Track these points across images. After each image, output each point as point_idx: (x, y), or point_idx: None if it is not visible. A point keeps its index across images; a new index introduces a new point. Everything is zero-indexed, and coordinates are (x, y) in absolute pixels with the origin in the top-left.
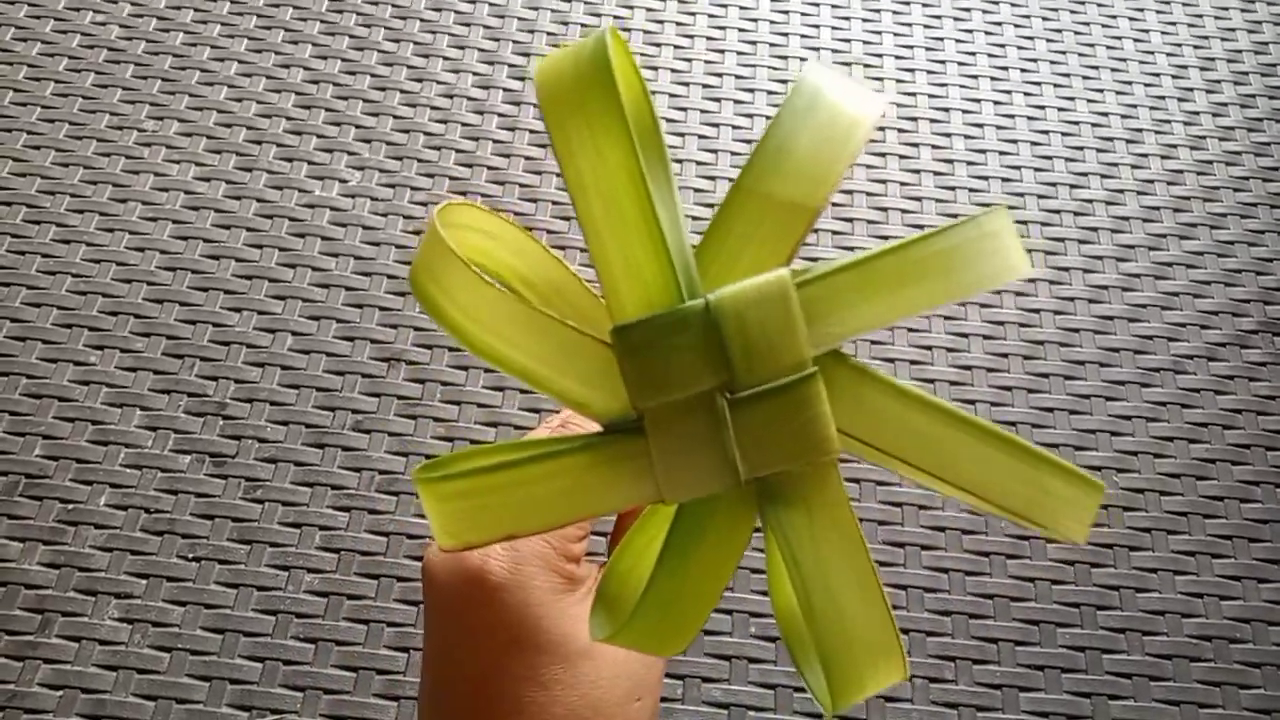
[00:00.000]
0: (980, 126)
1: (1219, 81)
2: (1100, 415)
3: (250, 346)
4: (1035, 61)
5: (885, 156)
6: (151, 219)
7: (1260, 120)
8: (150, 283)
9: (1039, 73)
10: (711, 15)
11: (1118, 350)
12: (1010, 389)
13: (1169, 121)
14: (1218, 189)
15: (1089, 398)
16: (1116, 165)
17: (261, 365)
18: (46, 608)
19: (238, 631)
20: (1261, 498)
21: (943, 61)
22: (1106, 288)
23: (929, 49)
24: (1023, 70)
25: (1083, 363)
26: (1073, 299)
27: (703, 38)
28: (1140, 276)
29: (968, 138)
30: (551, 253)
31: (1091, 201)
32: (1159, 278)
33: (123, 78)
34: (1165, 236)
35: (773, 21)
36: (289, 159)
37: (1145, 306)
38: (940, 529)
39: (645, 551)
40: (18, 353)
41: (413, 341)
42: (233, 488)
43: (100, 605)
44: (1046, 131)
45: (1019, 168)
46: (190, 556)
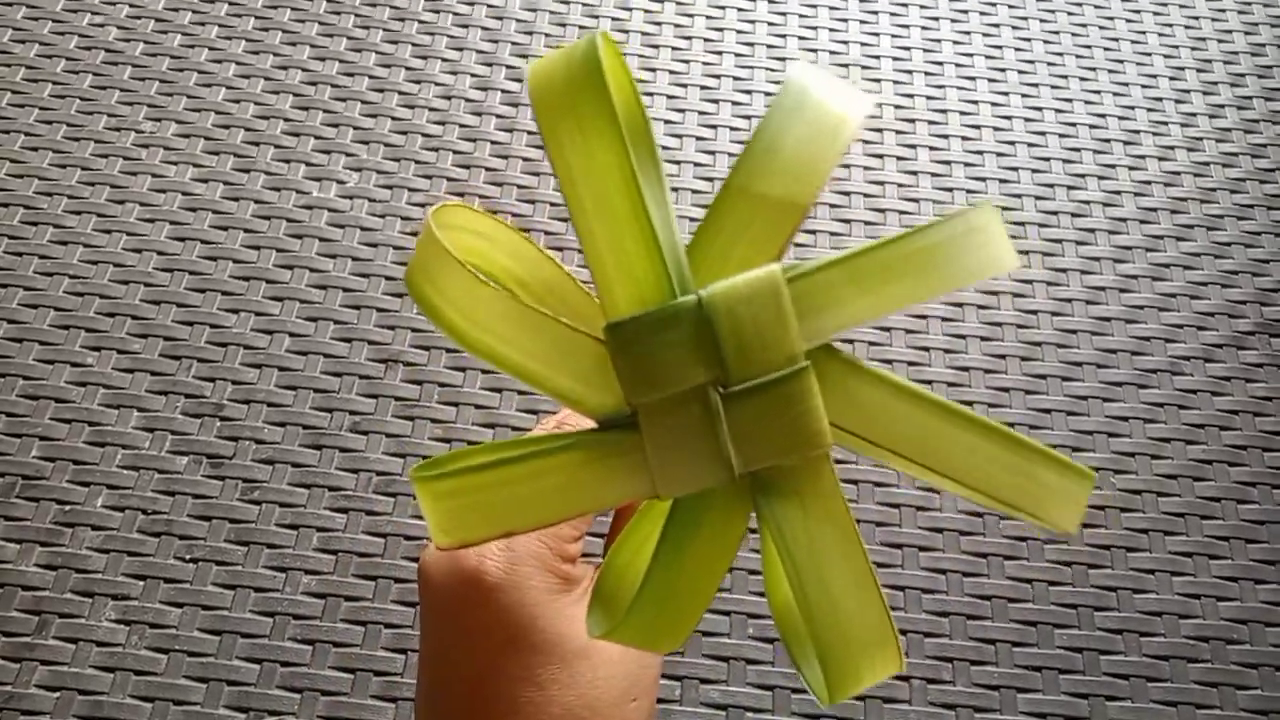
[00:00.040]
0: (978, 129)
1: (1216, 84)
2: (1097, 416)
3: (248, 348)
4: (1032, 64)
5: (883, 159)
6: (149, 220)
7: (1257, 122)
8: (148, 284)
9: (1036, 75)
10: (709, 17)
11: (1115, 352)
12: (1008, 390)
13: (1166, 124)
14: (1214, 191)
15: (1086, 399)
16: (1114, 167)
17: (259, 366)
18: (43, 609)
19: (235, 633)
20: (1258, 499)
21: (940, 64)
22: (1104, 289)
23: (926, 51)
24: (1020, 72)
25: (1080, 364)
26: (1070, 300)
27: (700, 40)
28: (1137, 278)
29: (965, 139)
30: (545, 253)
31: (1089, 203)
32: (1156, 279)
33: (120, 79)
34: (1162, 238)
35: (770, 24)
36: (287, 160)
37: (1142, 308)
38: (938, 530)
39: (641, 548)
40: (15, 354)
41: (410, 343)
42: (230, 489)
43: (97, 607)
44: (1044, 133)
45: (1016, 169)
46: (188, 558)
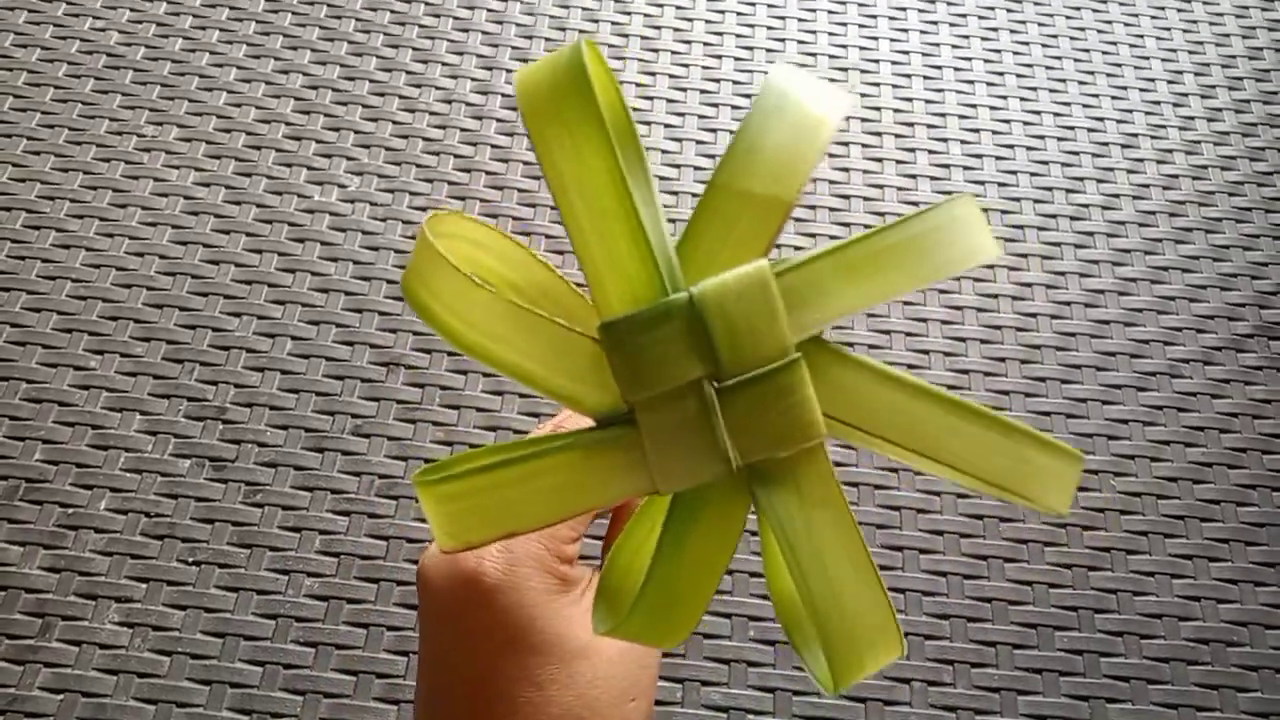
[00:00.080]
0: (976, 132)
1: (1214, 88)
2: (1097, 419)
3: (250, 351)
4: (1031, 68)
5: (882, 162)
6: (151, 224)
7: (1255, 125)
8: (150, 288)
9: (1035, 79)
10: (708, 21)
11: (1114, 355)
12: (1008, 393)
13: (1164, 127)
14: (1212, 194)
15: (1085, 402)
16: (1112, 171)
17: (261, 370)
18: (47, 612)
19: (238, 635)
20: (1258, 501)
21: (939, 68)
22: (1102, 292)
23: (925, 55)
24: (1019, 76)
25: (1079, 367)
26: (1069, 303)
27: (700, 44)
28: (1136, 281)
29: (964, 143)
30: (539, 258)
31: (1087, 207)
32: (1155, 282)
33: (122, 83)
34: (1161, 241)
35: (769, 28)
36: (288, 164)
37: (1141, 311)
38: (938, 533)
39: (642, 545)
40: (18, 357)
41: (412, 346)
42: (233, 492)
43: (100, 609)
44: (1042, 137)
45: (1015, 173)
46: (190, 561)
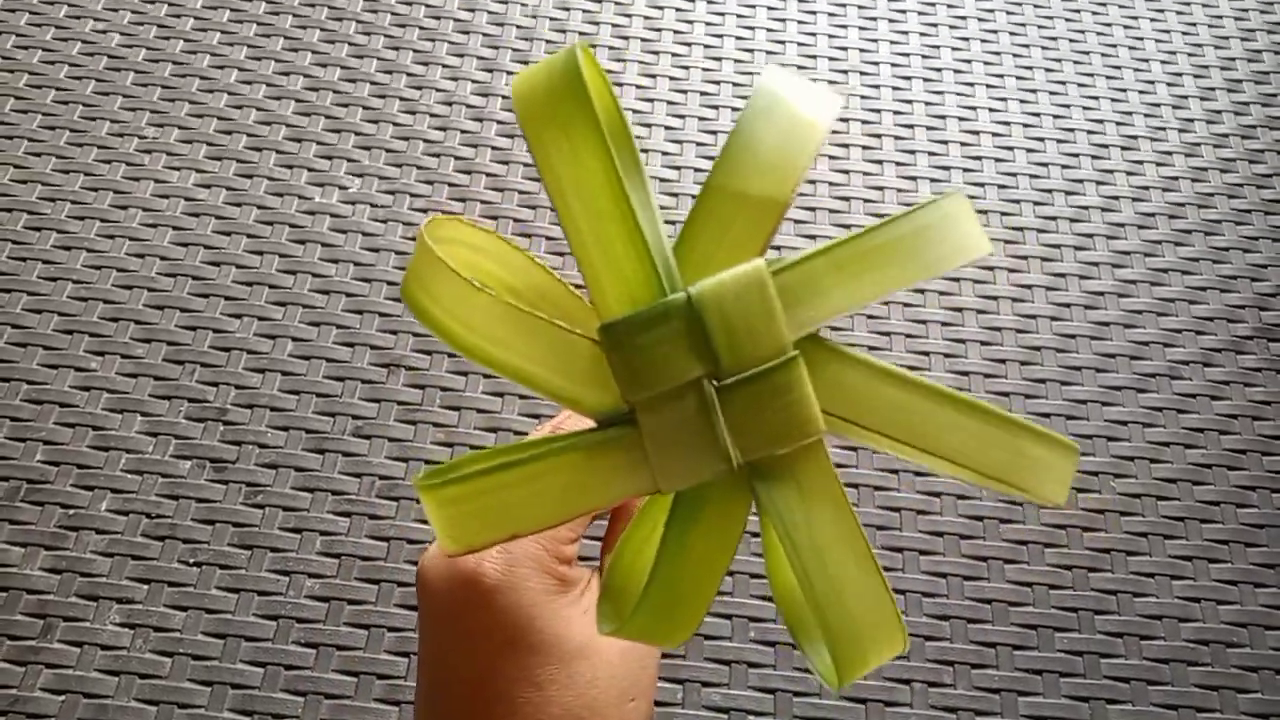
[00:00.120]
0: (976, 134)
1: (1213, 90)
2: (1097, 421)
3: (250, 352)
4: (1030, 70)
5: (882, 164)
6: (152, 225)
7: (1254, 128)
8: (151, 289)
9: (1034, 81)
10: (708, 24)
11: (1114, 356)
12: (1008, 395)
13: (1163, 129)
14: (1212, 196)
15: (1085, 403)
16: (1112, 173)
17: (262, 371)
18: (48, 613)
19: (239, 636)
20: (1258, 502)
21: (939, 69)
22: (1102, 294)
23: (924, 57)
24: (1018, 78)
25: (1079, 369)
26: (1069, 305)
27: (700, 46)
28: (1136, 283)
29: (963, 145)
30: (537, 261)
31: (1087, 209)
32: (1154, 284)
33: (123, 85)
34: (1160, 243)
35: (769, 29)
36: (289, 166)
37: (1141, 313)
38: (939, 534)
39: (646, 544)
40: (19, 359)
41: (412, 347)
42: (233, 493)
43: (102, 610)
44: (1041, 139)
45: (1014, 175)
46: (191, 562)
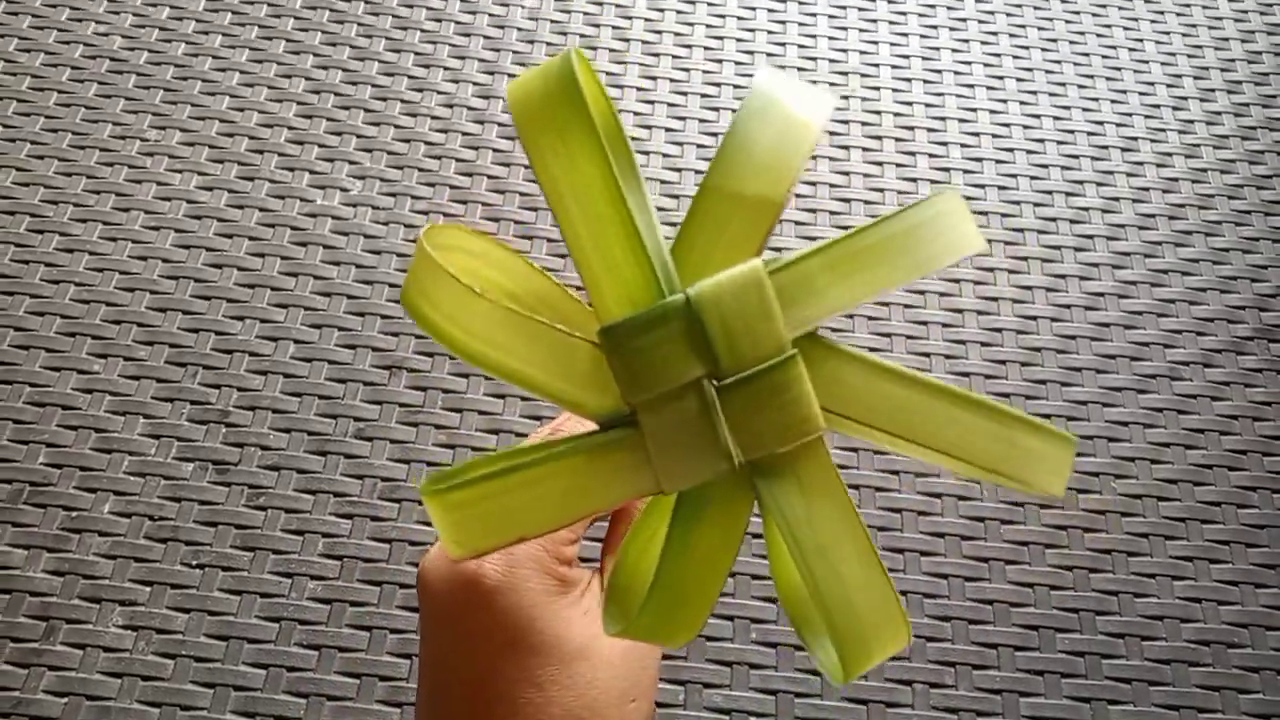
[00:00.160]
0: (977, 136)
1: (1213, 91)
2: (1097, 421)
3: (253, 355)
4: (1031, 71)
5: (882, 166)
6: (154, 228)
7: (1254, 129)
8: (153, 291)
9: (1034, 82)
10: (709, 26)
11: (1114, 357)
12: (1008, 396)
13: (1164, 131)
14: (1212, 197)
15: (1086, 404)
16: (1112, 174)
17: (264, 373)
18: (51, 615)
19: (241, 638)
20: (1258, 503)
21: (939, 71)
22: (1102, 295)
23: (925, 59)
24: (1019, 80)
25: (1079, 369)
26: (1069, 306)
27: (701, 48)
28: (1136, 284)
29: (964, 147)
30: (535, 266)
31: (1087, 210)
32: (1155, 285)
33: (125, 88)
34: (1160, 244)
35: (770, 32)
36: (291, 168)
37: (1141, 314)
38: (939, 535)
39: (650, 545)
40: (21, 361)
41: (414, 349)
42: (236, 495)
43: (105, 612)
44: (1042, 140)
45: (1015, 176)
46: (194, 564)
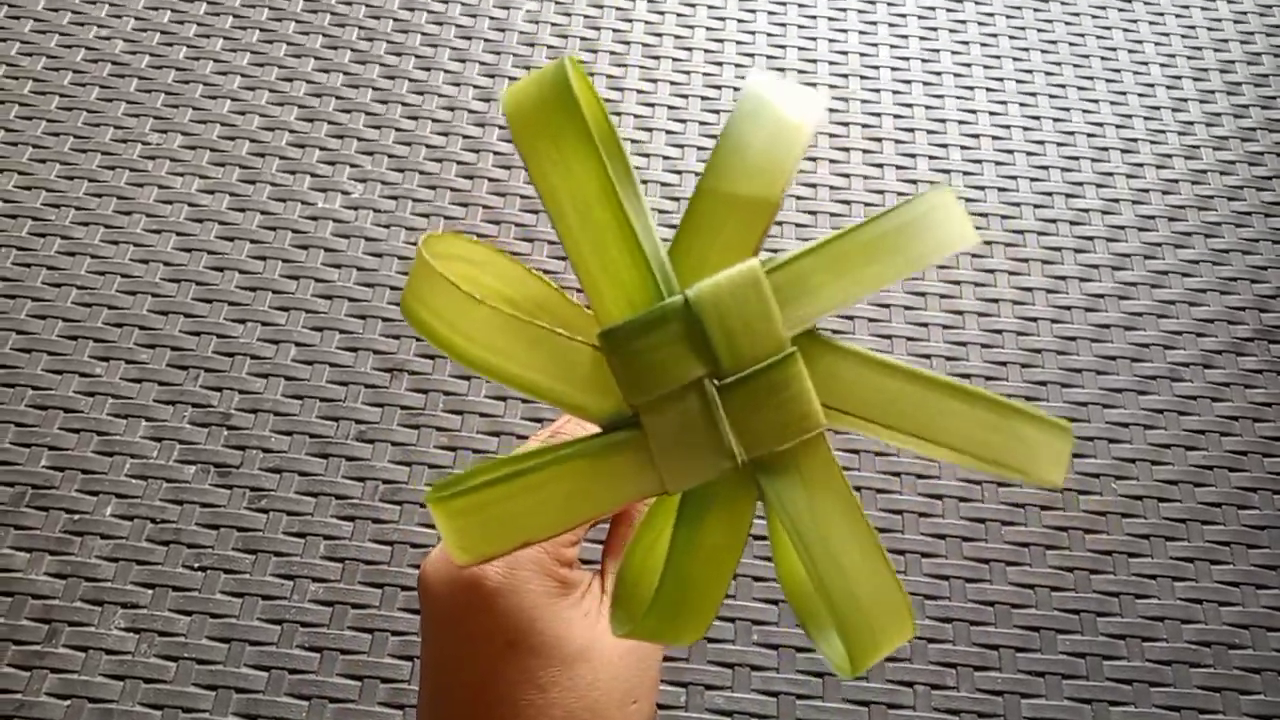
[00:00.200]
0: (976, 138)
1: (1213, 92)
2: (1098, 423)
3: (255, 357)
4: (1031, 73)
5: (882, 168)
6: (156, 231)
7: (1254, 130)
8: (155, 294)
9: (1034, 84)
10: (709, 29)
11: (1114, 359)
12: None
13: (1164, 131)
14: (1212, 198)
15: (1086, 405)
16: (1112, 175)
17: (265, 376)
18: (53, 617)
19: (243, 641)
20: (1259, 504)
21: (939, 73)
22: (1103, 296)
23: (925, 61)
24: (1018, 82)
25: (1080, 371)
26: (1069, 308)
27: (700, 51)
28: (1136, 285)
29: (963, 149)
30: (533, 272)
31: (1087, 211)
32: (1155, 286)
33: (126, 91)
34: (1160, 245)
35: (769, 34)
36: (292, 171)
37: (1141, 315)
38: (940, 536)
39: (655, 545)
40: (24, 364)
41: (415, 352)
42: (238, 498)
43: (107, 615)
44: (1042, 142)
45: (1015, 178)
46: (196, 566)
